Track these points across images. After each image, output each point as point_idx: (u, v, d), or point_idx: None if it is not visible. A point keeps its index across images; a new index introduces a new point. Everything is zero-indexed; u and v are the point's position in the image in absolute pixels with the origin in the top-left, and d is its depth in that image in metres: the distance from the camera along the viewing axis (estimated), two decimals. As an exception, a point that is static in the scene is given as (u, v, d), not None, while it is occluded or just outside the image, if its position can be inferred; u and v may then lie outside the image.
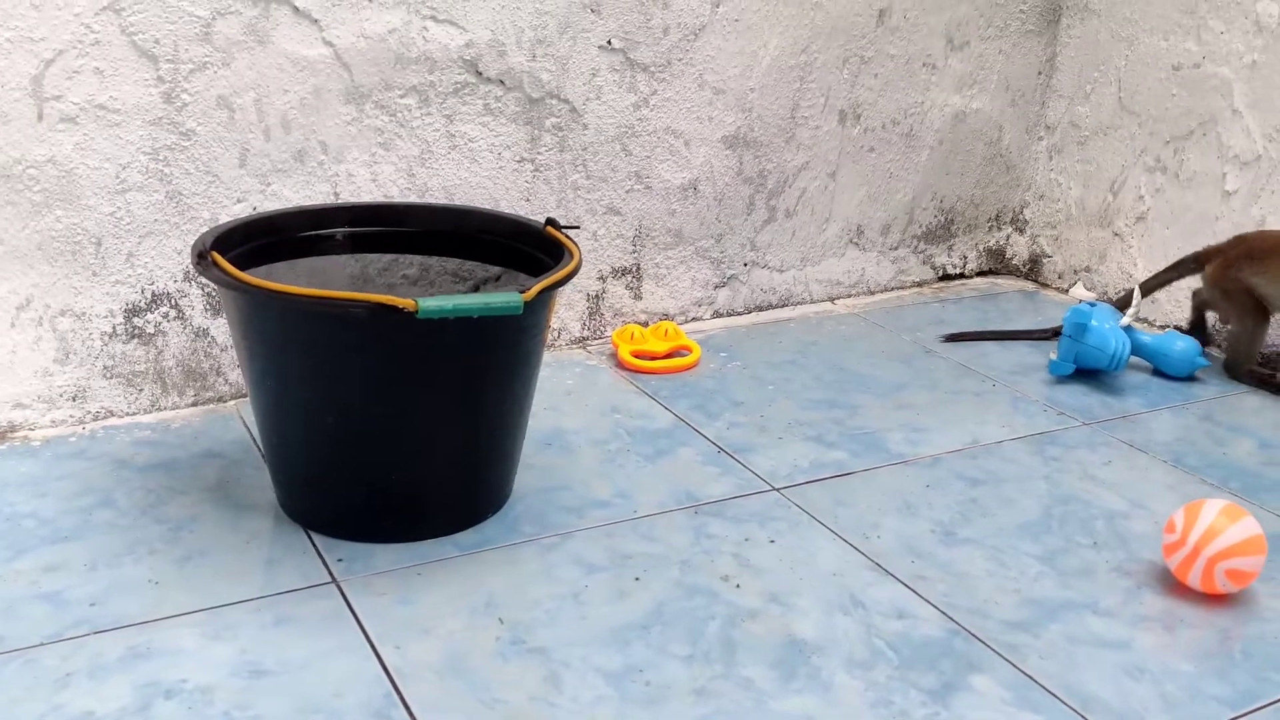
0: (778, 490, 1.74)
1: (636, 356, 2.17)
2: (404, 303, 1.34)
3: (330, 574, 1.46)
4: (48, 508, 1.57)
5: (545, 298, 1.48)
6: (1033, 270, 2.86)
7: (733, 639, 1.38)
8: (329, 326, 1.41)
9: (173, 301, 1.84)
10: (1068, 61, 2.72)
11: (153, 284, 1.82)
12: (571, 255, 1.57)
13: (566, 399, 2.01)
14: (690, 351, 2.21)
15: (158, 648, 1.30)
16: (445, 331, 1.39)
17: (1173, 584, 1.54)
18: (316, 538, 1.53)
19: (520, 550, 1.54)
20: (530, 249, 1.70)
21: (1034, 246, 2.85)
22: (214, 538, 1.51)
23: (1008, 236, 2.87)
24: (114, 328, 1.81)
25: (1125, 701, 1.31)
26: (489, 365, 1.51)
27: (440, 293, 1.76)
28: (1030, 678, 1.34)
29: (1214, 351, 2.38)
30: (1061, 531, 1.68)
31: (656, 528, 1.61)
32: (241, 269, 1.45)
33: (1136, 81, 2.56)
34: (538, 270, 1.63)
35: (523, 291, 1.41)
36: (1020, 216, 2.86)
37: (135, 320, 1.82)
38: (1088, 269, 2.73)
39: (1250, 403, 2.18)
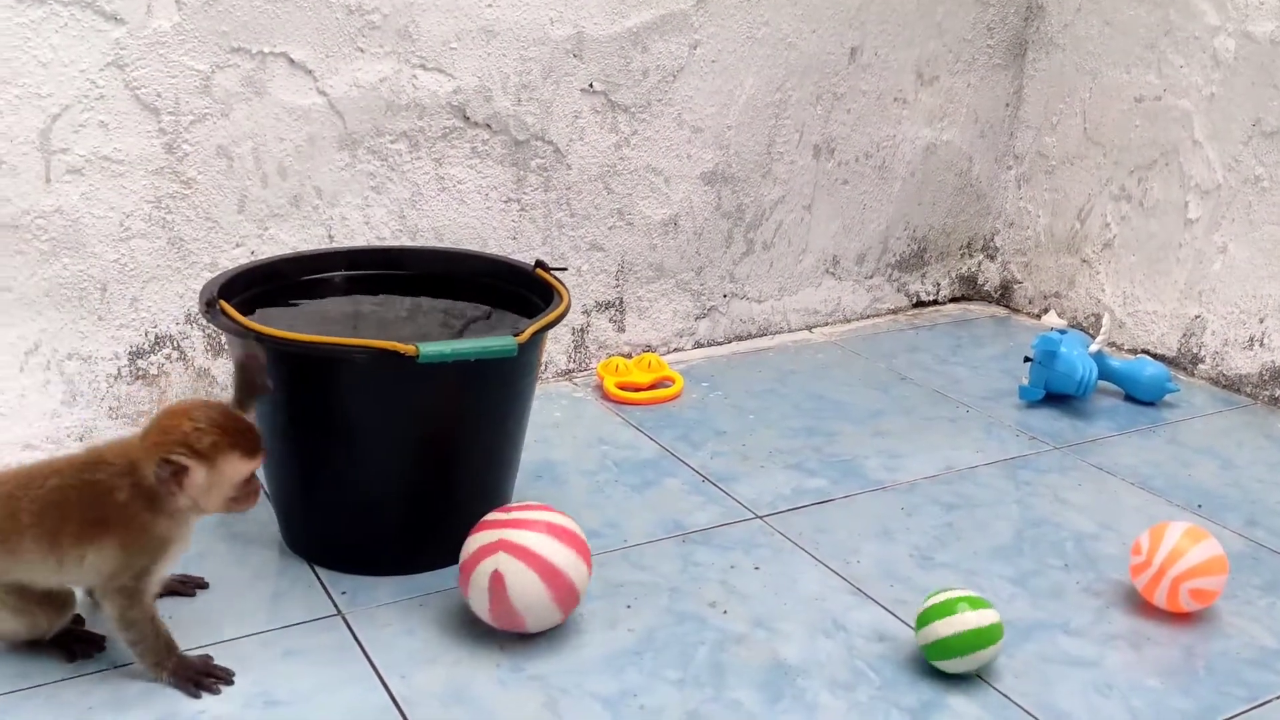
0: (761, 518, 1.82)
1: (621, 388, 2.24)
2: (405, 348, 1.41)
3: (335, 607, 1.52)
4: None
5: (538, 339, 1.55)
6: (1004, 296, 2.95)
7: (721, 663, 1.44)
8: (333, 371, 1.47)
9: (175, 344, 1.90)
10: (1034, 94, 2.82)
11: (156, 327, 1.88)
12: (561, 297, 1.64)
13: (555, 431, 2.08)
14: (673, 382, 2.29)
15: (173, 682, 1.35)
16: (444, 374, 1.46)
17: (1140, 603, 1.62)
18: (321, 571, 1.59)
19: (516, 581, 1.60)
20: (520, 289, 1.77)
21: (1005, 273, 2.94)
22: (222, 573, 1.56)
23: (979, 264, 2.96)
24: (119, 370, 1.87)
25: (1095, 717, 1.38)
26: (484, 404, 1.58)
27: (431, 329, 1.82)
28: (1005, 696, 1.41)
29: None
30: (1033, 554, 1.75)
31: (645, 556, 1.68)
32: (244, 314, 1.52)
33: (1101, 113, 2.66)
34: (527, 310, 1.70)
35: (516, 335, 1.48)
36: (991, 244, 2.95)
37: (139, 362, 1.88)
38: (1057, 294, 2.82)
39: (1216, 425, 2.27)
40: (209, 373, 1.94)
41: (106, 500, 1.25)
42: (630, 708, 1.35)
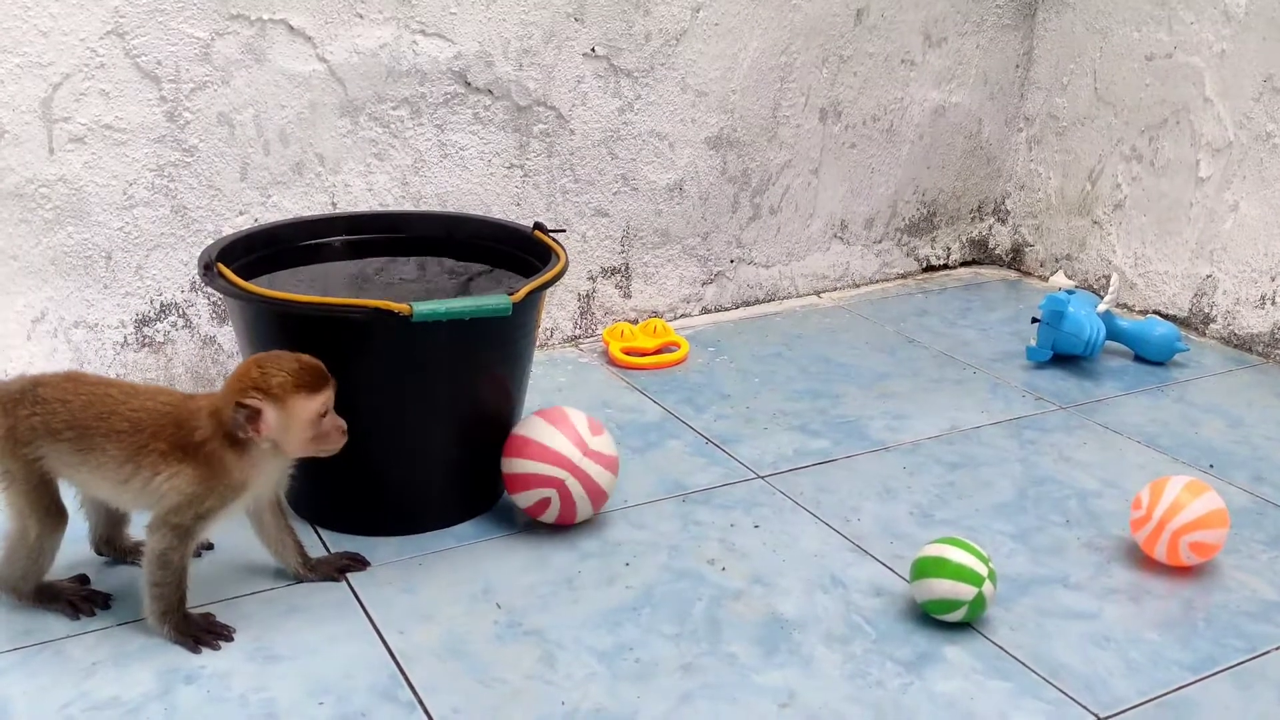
0: (762, 478, 1.82)
1: (627, 353, 2.24)
2: (399, 307, 1.42)
3: (336, 566, 1.54)
4: (75, 514, 1.63)
5: (534, 299, 1.56)
6: (1015, 259, 2.93)
7: (718, 618, 1.45)
8: (329, 331, 1.48)
9: (180, 311, 1.92)
10: (1044, 54, 2.79)
11: (161, 295, 1.90)
12: (558, 258, 1.65)
13: (559, 395, 2.09)
14: (679, 347, 2.29)
15: (176, 638, 1.38)
16: (439, 333, 1.47)
17: (1140, 558, 1.62)
18: (323, 532, 1.61)
19: (515, 540, 1.61)
20: (519, 252, 1.78)
21: (1016, 236, 2.92)
22: (227, 535, 1.58)
23: (990, 227, 2.94)
24: (125, 337, 1.89)
25: (1091, 668, 1.38)
26: (482, 364, 1.59)
27: (436, 293, 1.83)
28: (1001, 648, 1.42)
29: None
30: (1035, 511, 1.75)
31: (646, 516, 1.69)
32: (246, 278, 1.53)
33: (1111, 72, 2.63)
34: (528, 272, 1.71)
35: (511, 294, 1.49)
36: (1002, 207, 2.93)
37: (145, 330, 1.90)
38: (1069, 257, 2.80)
39: (1225, 384, 2.26)
40: (215, 340, 1.96)
41: (196, 436, 1.31)
42: (626, 661, 1.36)
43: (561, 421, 1.59)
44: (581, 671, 1.34)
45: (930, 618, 1.45)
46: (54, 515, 1.38)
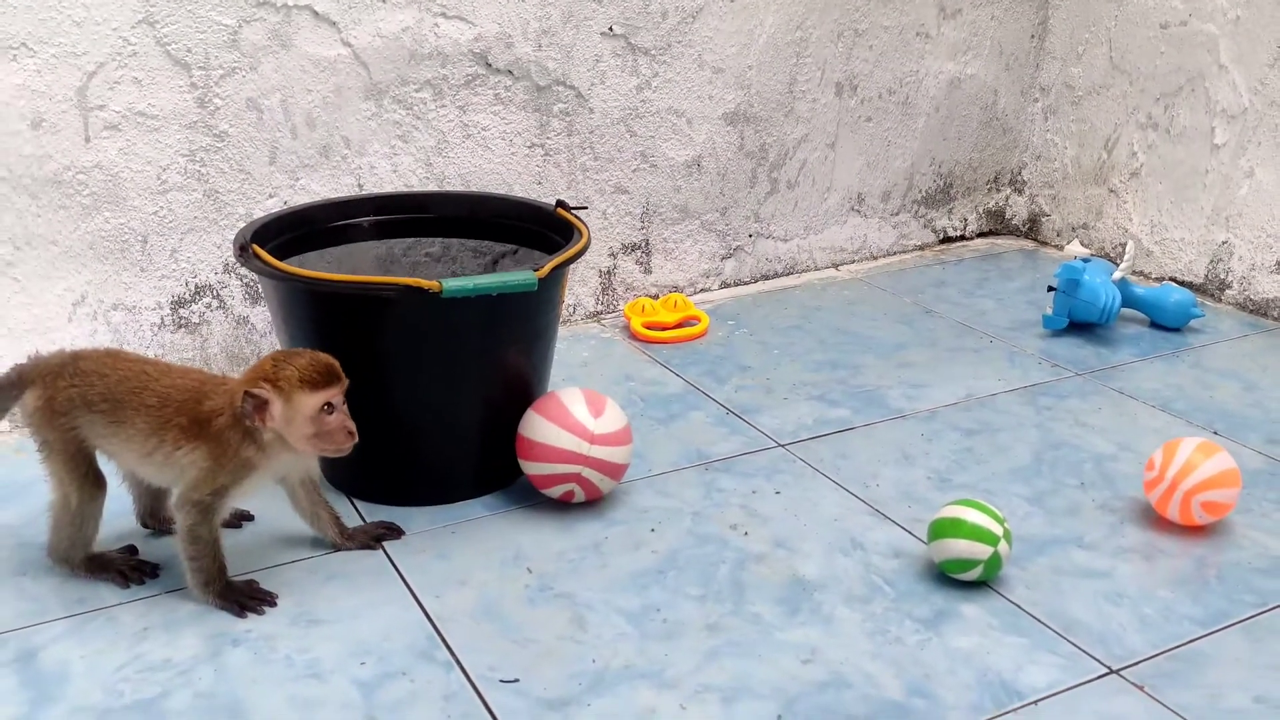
0: (783, 446, 1.86)
1: (648, 327, 2.29)
2: (429, 284, 1.47)
3: (372, 535, 1.60)
4: (119, 490, 1.69)
5: (558, 274, 1.60)
6: (1032, 229, 2.96)
7: (741, 580, 1.50)
8: (361, 308, 1.53)
9: (215, 292, 1.98)
10: (1059, 24, 2.80)
11: (196, 277, 1.95)
12: (581, 234, 1.69)
13: (583, 370, 2.14)
14: (699, 321, 2.33)
15: (222, 604, 1.44)
16: (468, 309, 1.52)
17: (1154, 518, 1.65)
18: (359, 504, 1.67)
19: (543, 509, 1.66)
20: (542, 229, 1.82)
21: (1033, 206, 2.94)
22: (266, 508, 1.64)
23: (1007, 197, 2.96)
24: (162, 319, 1.94)
25: (1105, 624, 1.43)
26: (508, 339, 1.63)
27: (461, 271, 1.88)
28: (1017, 606, 1.46)
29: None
30: (1051, 474, 1.79)
31: (670, 484, 1.74)
32: (278, 259, 1.58)
33: (1126, 41, 2.64)
34: (550, 249, 1.75)
35: (536, 270, 1.53)
36: (1018, 177, 2.95)
37: (181, 311, 1.96)
38: (1085, 226, 2.82)
39: (1241, 348, 2.28)
40: (248, 320, 2.02)
41: (212, 417, 1.37)
42: (654, 621, 1.41)
43: (562, 416, 1.59)
44: (611, 632, 1.39)
45: (948, 577, 1.49)
46: (92, 483, 1.45)
